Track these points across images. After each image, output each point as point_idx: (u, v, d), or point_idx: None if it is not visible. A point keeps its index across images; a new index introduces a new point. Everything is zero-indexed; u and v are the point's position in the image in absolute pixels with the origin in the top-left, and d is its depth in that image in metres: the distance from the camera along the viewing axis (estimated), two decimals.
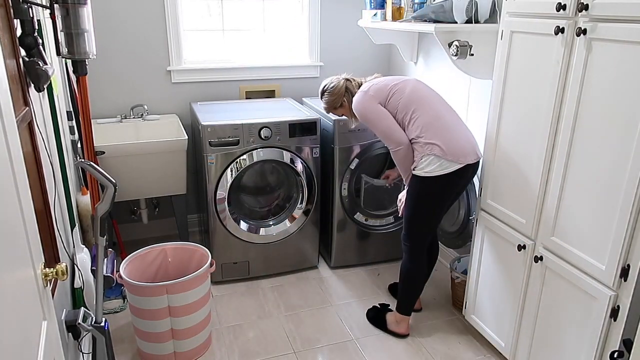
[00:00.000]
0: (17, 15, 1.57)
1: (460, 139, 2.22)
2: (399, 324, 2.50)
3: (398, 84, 2.32)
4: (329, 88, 2.47)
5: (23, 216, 1.03)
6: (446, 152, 2.16)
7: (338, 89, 2.44)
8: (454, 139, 2.20)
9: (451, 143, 2.18)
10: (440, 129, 2.20)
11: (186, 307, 2.20)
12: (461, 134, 2.25)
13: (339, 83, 2.45)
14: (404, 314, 2.49)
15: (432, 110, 2.25)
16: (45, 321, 1.12)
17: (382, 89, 2.32)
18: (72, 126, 2.48)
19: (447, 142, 2.17)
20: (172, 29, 3.10)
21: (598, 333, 1.71)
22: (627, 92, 1.53)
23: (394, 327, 2.51)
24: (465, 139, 2.25)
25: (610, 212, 1.62)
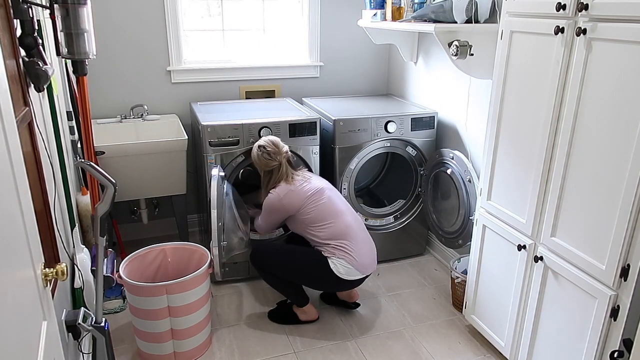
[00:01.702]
0: (17, 15, 1.57)
1: (366, 253, 2.44)
2: (307, 313, 2.62)
3: (311, 197, 2.43)
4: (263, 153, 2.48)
5: (23, 216, 1.03)
6: (356, 263, 2.37)
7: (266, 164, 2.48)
8: (361, 252, 2.41)
9: (360, 256, 2.39)
10: (350, 242, 2.39)
11: (186, 307, 2.20)
12: (367, 248, 2.46)
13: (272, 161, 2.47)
14: (303, 305, 2.60)
15: (341, 225, 2.42)
16: (45, 321, 1.12)
17: (295, 201, 2.43)
18: (72, 126, 2.48)
19: (357, 254, 2.39)
20: (172, 29, 3.11)
21: (598, 333, 1.71)
22: (627, 92, 1.53)
23: (304, 317, 2.62)
24: (370, 252, 2.47)
25: (610, 211, 1.62)
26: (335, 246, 2.38)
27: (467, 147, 2.87)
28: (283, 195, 2.44)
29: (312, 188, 2.46)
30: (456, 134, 2.96)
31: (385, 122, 2.88)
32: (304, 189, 2.45)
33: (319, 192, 2.46)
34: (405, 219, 3.13)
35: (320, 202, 2.44)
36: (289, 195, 2.44)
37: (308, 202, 2.43)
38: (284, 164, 2.49)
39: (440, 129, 3.06)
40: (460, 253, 2.97)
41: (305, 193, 2.44)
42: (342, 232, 2.41)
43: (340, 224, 2.42)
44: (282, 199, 2.44)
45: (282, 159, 2.49)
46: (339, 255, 2.37)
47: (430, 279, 3.04)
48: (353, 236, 2.41)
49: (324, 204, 2.44)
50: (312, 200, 2.44)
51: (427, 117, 2.96)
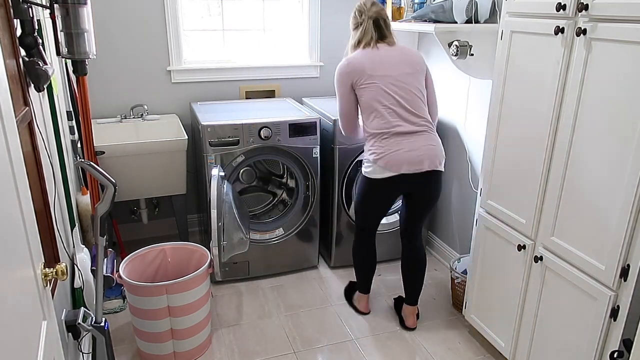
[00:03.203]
0: (17, 15, 1.57)
1: (403, 151, 2.24)
2: (359, 302, 2.69)
3: (373, 77, 2.23)
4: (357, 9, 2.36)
5: (23, 216, 1.03)
6: (381, 159, 2.25)
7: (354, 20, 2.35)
8: (398, 152, 2.24)
9: (391, 156, 2.24)
10: (386, 138, 2.25)
11: (186, 307, 2.20)
12: (411, 147, 2.24)
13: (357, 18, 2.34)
14: (360, 291, 2.68)
15: (388, 119, 2.24)
16: (45, 321, 1.12)
17: (359, 70, 2.25)
18: (72, 126, 2.48)
19: (386, 150, 2.24)
20: (172, 29, 3.11)
21: (598, 333, 1.71)
22: (627, 92, 1.53)
23: (355, 302, 2.71)
24: (413, 150, 2.25)
25: (610, 211, 1.62)
26: (369, 145, 2.30)
27: (466, 147, 2.88)
28: (350, 59, 2.29)
29: (387, 63, 2.25)
30: (456, 134, 2.96)
31: None
32: (375, 62, 2.25)
33: (390, 75, 2.24)
34: None
35: (384, 86, 2.23)
36: (353, 60, 2.28)
37: (367, 79, 2.24)
38: (367, 24, 2.30)
39: (440, 129, 3.05)
40: (460, 253, 2.97)
41: (375, 62, 2.25)
42: (387, 125, 2.24)
43: (385, 117, 2.23)
44: (347, 64, 2.28)
45: (367, 17, 2.30)
46: (367, 155, 2.31)
47: (430, 279, 3.04)
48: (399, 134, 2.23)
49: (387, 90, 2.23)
50: (376, 78, 2.24)
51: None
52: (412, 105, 2.27)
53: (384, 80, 2.24)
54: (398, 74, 2.26)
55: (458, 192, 3.01)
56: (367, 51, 2.29)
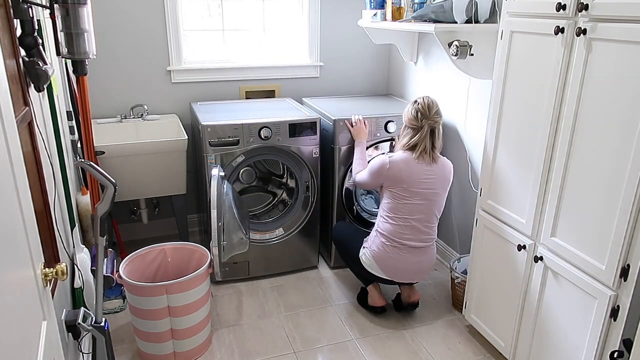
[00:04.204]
0: (17, 15, 1.57)
1: (404, 262, 2.46)
2: (371, 297, 2.68)
3: (407, 190, 2.39)
4: (413, 108, 2.42)
5: (23, 216, 1.03)
6: (378, 261, 2.46)
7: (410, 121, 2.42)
8: (398, 258, 2.45)
9: (391, 260, 2.45)
10: (394, 246, 2.44)
11: (186, 307, 2.20)
12: (410, 259, 2.46)
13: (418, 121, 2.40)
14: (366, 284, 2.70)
15: (401, 231, 2.42)
16: (45, 321, 1.12)
17: (396, 178, 2.39)
18: (72, 126, 2.48)
19: (389, 257, 2.45)
20: (172, 29, 3.10)
21: (598, 333, 1.71)
22: (627, 92, 1.53)
23: (370, 301, 2.69)
24: (412, 263, 2.47)
25: (610, 211, 1.62)
26: (377, 241, 2.46)
27: (467, 147, 2.88)
28: (392, 163, 2.40)
29: (423, 183, 2.39)
30: (456, 134, 2.96)
31: (385, 122, 2.88)
32: (412, 177, 2.38)
33: (417, 193, 2.39)
34: None
35: (410, 200, 2.40)
36: (395, 167, 2.39)
37: (402, 190, 2.40)
38: (425, 132, 2.39)
39: None
40: (460, 253, 2.97)
41: (413, 180, 2.38)
42: (396, 235, 2.42)
43: (404, 229, 2.42)
44: (388, 165, 2.40)
45: (426, 124, 2.38)
46: (370, 247, 2.47)
47: (430, 279, 3.04)
48: (401, 245, 2.43)
49: (411, 204, 2.40)
50: (408, 193, 2.39)
51: None
52: (429, 221, 2.46)
53: (415, 198, 2.40)
54: (430, 193, 2.41)
55: (458, 192, 3.01)
56: (411, 160, 2.39)
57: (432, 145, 2.42)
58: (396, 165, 2.39)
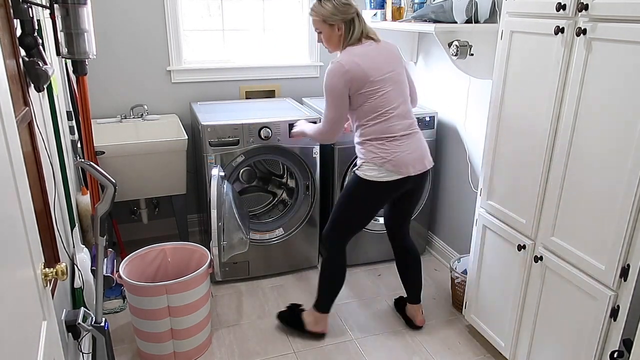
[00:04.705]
0: (17, 15, 1.57)
1: (408, 150, 2.20)
2: (317, 323, 2.46)
3: (375, 82, 2.13)
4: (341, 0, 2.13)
5: (23, 216, 1.03)
6: (387, 163, 2.17)
7: (347, 10, 2.13)
8: (402, 149, 2.19)
9: (397, 155, 2.18)
10: (393, 141, 2.18)
11: (186, 307, 2.20)
12: (409, 149, 2.21)
13: (352, 7, 2.14)
14: (324, 312, 2.45)
15: (391, 124, 2.18)
16: (45, 321, 1.12)
17: (360, 77, 2.11)
18: (72, 126, 2.48)
19: (394, 154, 2.17)
20: (172, 29, 3.11)
21: (598, 333, 1.71)
22: (627, 92, 1.53)
23: (312, 326, 2.46)
24: (415, 150, 2.23)
25: (610, 211, 1.62)
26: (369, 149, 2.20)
27: (466, 147, 2.88)
28: (347, 64, 2.10)
29: (384, 67, 2.16)
30: (456, 134, 2.96)
31: None
32: (374, 65, 2.14)
33: (385, 80, 2.15)
34: None
35: (383, 90, 2.15)
36: (353, 67, 2.10)
37: (370, 85, 2.13)
38: (360, 14, 2.18)
39: (440, 129, 3.06)
40: (460, 253, 2.97)
41: (374, 68, 2.13)
42: (388, 130, 2.18)
43: (390, 121, 2.18)
44: (344, 65, 2.10)
45: (353, 9, 2.16)
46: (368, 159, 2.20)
47: (430, 279, 3.04)
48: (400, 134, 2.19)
49: (386, 94, 2.16)
50: (377, 84, 2.14)
51: (427, 117, 2.96)
52: (406, 106, 2.25)
53: (385, 85, 2.17)
54: (394, 74, 2.19)
55: (458, 192, 3.01)
56: (360, 50, 2.16)
57: (366, 29, 2.21)
58: (351, 62, 2.11)
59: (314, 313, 2.46)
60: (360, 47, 2.17)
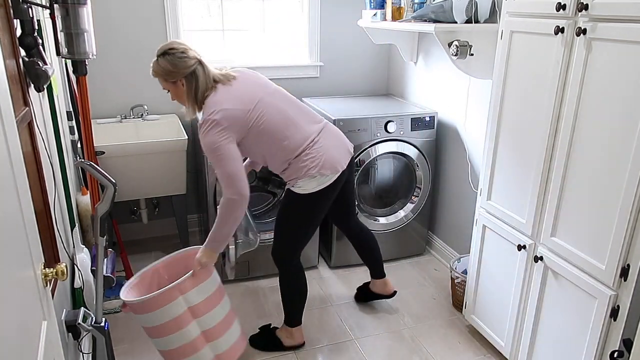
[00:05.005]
0: (17, 15, 1.57)
1: (328, 148, 2.11)
2: (293, 336, 2.39)
3: (254, 112, 2.01)
4: (176, 54, 1.97)
5: (23, 216, 1.03)
6: (320, 168, 2.06)
7: (185, 65, 1.97)
8: (324, 150, 2.09)
9: (323, 157, 2.07)
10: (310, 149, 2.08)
11: (206, 301, 2.01)
12: (329, 141, 2.13)
13: (190, 59, 1.98)
14: (296, 325, 2.39)
15: (299, 131, 2.08)
16: (45, 321, 1.12)
17: (239, 120, 1.98)
18: (72, 126, 2.48)
19: (319, 158, 2.07)
20: (172, 29, 3.10)
21: (598, 333, 1.71)
22: (627, 92, 1.53)
23: (289, 342, 2.39)
24: (333, 145, 2.14)
25: (610, 211, 1.62)
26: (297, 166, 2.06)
27: (466, 147, 2.88)
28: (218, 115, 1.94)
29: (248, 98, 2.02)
30: (456, 134, 2.96)
31: (385, 122, 2.88)
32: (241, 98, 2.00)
33: (260, 103, 2.02)
34: (405, 218, 3.13)
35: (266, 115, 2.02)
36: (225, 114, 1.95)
37: (252, 116, 1.99)
38: (203, 62, 2.02)
39: (440, 129, 3.06)
40: (460, 253, 2.97)
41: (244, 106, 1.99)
42: (300, 143, 2.06)
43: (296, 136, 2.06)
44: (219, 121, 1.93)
45: (194, 55, 2.00)
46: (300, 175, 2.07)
47: (430, 279, 3.04)
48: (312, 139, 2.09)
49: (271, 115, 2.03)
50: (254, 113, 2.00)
51: (427, 117, 2.96)
52: (301, 109, 2.16)
53: (268, 101, 2.05)
54: (267, 94, 2.08)
55: (458, 192, 3.01)
56: (224, 90, 2.01)
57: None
58: (219, 110, 1.96)
59: (286, 329, 2.39)
60: (216, 94, 2.01)
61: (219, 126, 1.95)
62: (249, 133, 2.02)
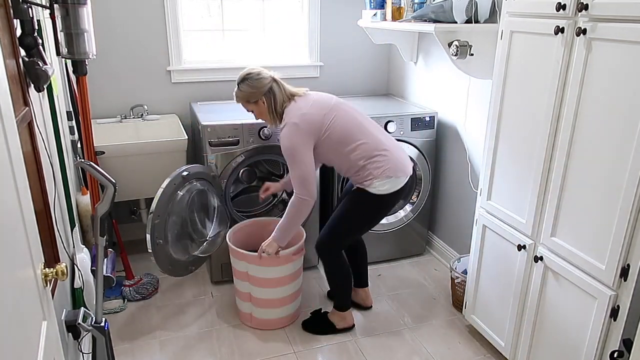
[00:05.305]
0: (17, 15, 1.57)
1: (399, 153, 2.31)
2: (345, 319, 2.53)
3: (329, 114, 2.22)
4: (252, 77, 2.25)
5: (23, 216, 1.03)
6: (395, 170, 2.24)
7: (262, 84, 2.24)
8: (395, 155, 2.28)
9: (396, 161, 2.26)
10: (385, 152, 2.25)
11: (260, 280, 2.40)
12: (397, 148, 2.34)
13: (266, 79, 2.25)
14: (346, 309, 2.52)
15: (372, 136, 2.27)
16: (45, 321, 1.12)
17: (316, 123, 2.20)
18: (72, 126, 2.48)
19: (393, 161, 2.25)
20: (172, 29, 3.10)
21: (598, 333, 1.71)
22: (627, 92, 1.53)
23: (342, 324, 2.53)
24: (401, 150, 2.35)
25: (610, 211, 1.62)
26: (373, 166, 2.22)
27: (466, 147, 2.88)
28: (297, 121, 2.17)
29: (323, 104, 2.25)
30: (456, 134, 2.96)
31: (385, 122, 2.88)
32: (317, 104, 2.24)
33: (334, 107, 2.25)
34: (405, 218, 3.13)
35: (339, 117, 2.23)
36: (303, 117, 2.18)
37: (327, 121, 2.20)
38: (277, 79, 2.28)
39: (440, 129, 3.06)
40: (460, 253, 2.97)
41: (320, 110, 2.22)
42: (376, 146, 2.24)
43: (371, 137, 2.25)
44: (298, 124, 2.17)
45: (270, 78, 2.26)
46: (376, 175, 2.22)
47: (430, 279, 3.04)
48: (386, 147, 2.26)
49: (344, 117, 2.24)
50: (330, 117, 2.22)
51: (427, 117, 2.96)
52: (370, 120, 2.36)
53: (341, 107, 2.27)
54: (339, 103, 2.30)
55: (458, 192, 3.01)
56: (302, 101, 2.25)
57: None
58: (298, 114, 2.19)
59: (338, 313, 2.52)
60: (294, 104, 2.25)
61: (298, 129, 2.18)
62: (325, 135, 2.22)
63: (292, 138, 2.18)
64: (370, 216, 2.39)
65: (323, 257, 2.45)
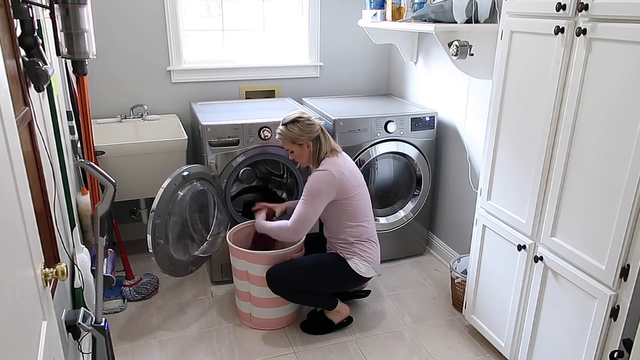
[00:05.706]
0: (17, 15, 1.57)
1: (378, 254, 2.51)
2: (340, 313, 2.54)
3: (356, 188, 2.37)
4: (304, 121, 2.34)
5: (23, 216, 1.03)
6: (375, 261, 2.46)
7: (312, 130, 2.34)
8: (378, 250, 2.49)
9: (378, 255, 2.49)
10: (374, 242, 2.47)
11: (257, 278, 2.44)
12: (378, 249, 2.52)
13: (315, 126, 2.36)
14: (334, 306, 2.51)
15: (371, 222, 2.46)
16: (45, 321, 1.12)
17: (345, 187, 2.33)
18: (72, 126, 2.48)
19: (377, 253, 2.48)
20: (172, 29, 3.11)
21: (598, 333, 1.71)
22: (627, 92, 1.53)
23: (339, 318, 2.55)
24: (379, 252, 2.52)
25: (610, 211, 1.62)
26: (360, 248, 2.40)
27: (466, 147, 2.88)
28: (336, 173, 2.30)
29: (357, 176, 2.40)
30: (456, 134, 2.96)
31: (385, 122, 2.88)
32: (353, 173, 2.38)
33: (361, 185, 2.42)
34: (405, 218, 3.13)
35: (361, 195, 2.40)
36: (341, 175, 2.31)
37: (353, 191, 2.35)
38: (324, 129, 2.41)
39: (440, 129, 3.06)
40: (460, 253, 2.97)
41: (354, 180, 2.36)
42: (369, 233, 2.43)
43: (370, 224, 2.45)
44: (334, 173, 2.29)
45: (318, 127, 2.38)
46: (360, 256, 2.40)
47: (430, 279, 3.04)
48: (374, 238, 2.48)
49: (364, 197, 2.42)
50: (357, 189, 2.37)
51: (427, 117, 2.96)
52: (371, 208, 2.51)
53: (362, 190, 2.41)
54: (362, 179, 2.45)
55: (458, 192, 3.01)
56: (338, 159, 2.36)
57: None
58: (338, 171, 2.31)
59: (329, 313, 2.55)
60: (336, 159, 2.37)
61: (332, 180, 2.30)
62: (342, 202, 2.35)
63: (322, 183, 2.30)
64: (337, 283, 2.47)
65: (275, 291, 2.41)
